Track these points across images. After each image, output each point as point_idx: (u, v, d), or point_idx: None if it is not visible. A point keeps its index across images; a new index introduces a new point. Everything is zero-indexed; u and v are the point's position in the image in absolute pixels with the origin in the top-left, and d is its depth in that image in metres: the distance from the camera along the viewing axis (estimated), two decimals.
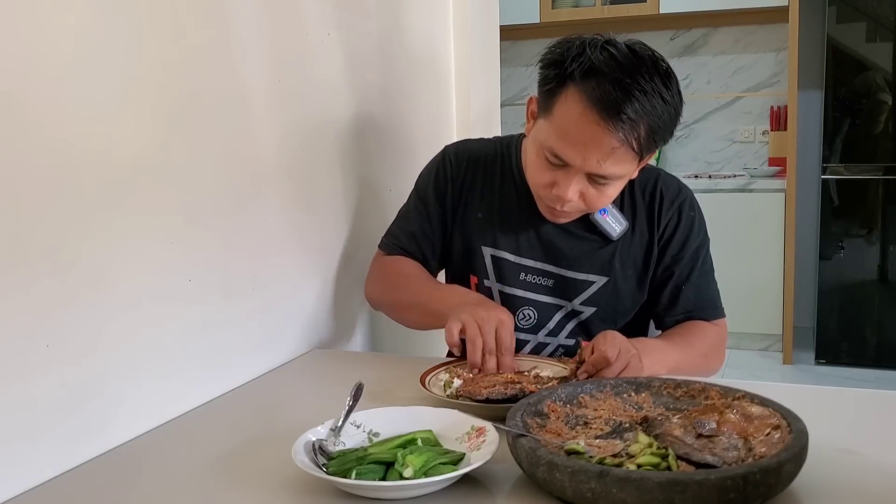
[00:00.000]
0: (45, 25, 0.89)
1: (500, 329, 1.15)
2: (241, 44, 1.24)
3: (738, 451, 0.81)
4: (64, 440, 0.92)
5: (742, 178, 4.15)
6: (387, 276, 1.42)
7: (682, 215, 1.34)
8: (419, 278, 1.38)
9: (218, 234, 1.19)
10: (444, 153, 1.44)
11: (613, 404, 0.97)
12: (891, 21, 3.66)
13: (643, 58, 1.14)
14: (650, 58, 1.15)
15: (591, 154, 1.15)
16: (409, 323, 1.43)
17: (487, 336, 1.13)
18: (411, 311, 1.37)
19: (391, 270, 1.42)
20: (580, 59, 1.13)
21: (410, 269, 1.40)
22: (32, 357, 0.88)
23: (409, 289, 1.36)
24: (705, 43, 4.44)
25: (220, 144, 1.19)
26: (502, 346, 1.14)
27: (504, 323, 1.15)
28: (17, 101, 0.86)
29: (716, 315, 1.36)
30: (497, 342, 1.14)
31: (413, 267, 1.40)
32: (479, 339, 1.13)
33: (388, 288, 1.42)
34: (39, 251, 0.88)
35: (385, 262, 1.44)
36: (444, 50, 2.09)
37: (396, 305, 1.41)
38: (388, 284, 1.42)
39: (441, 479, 0.81)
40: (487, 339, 1.13)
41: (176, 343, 1.10)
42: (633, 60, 1.13)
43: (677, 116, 1.18)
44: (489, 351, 1.14)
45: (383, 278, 1.43)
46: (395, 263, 1.42)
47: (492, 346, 1.14)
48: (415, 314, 1.37)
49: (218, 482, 0.90)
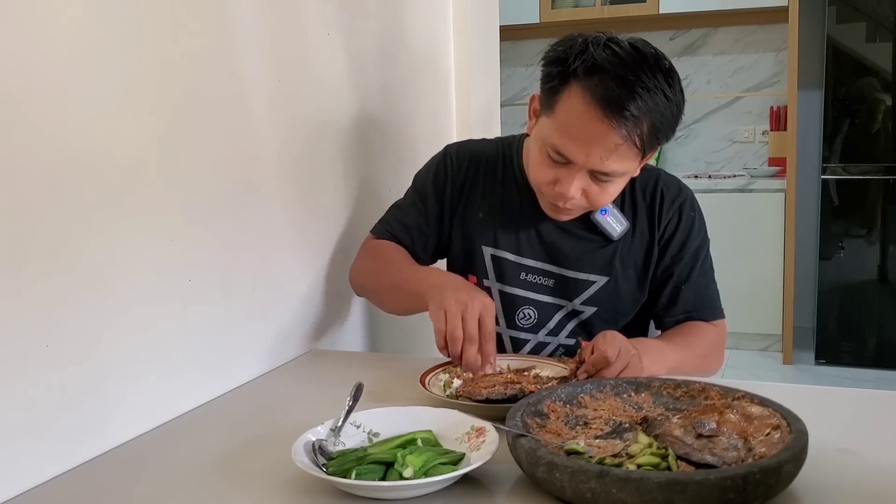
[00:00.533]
0: (44, 25, 0.89)
1: (483, 315, 1.11)
2: (241, 44, 1.24)
3: (738, 451, 0.81)
4: (64, 440, 0.92)
5: (742, 178, 4.15)
6: (370, 258, 1.41)
7: (683, 215, 1.35)
8: (400, 261, 1.35)
9: (218, 234, 1.19)
10: (445, 152, 1.44)
11: (613, 404, 0.97)
12: (891, 21, 3.66)
13: (646, 55, 1.14)
14: (653, 55, 1.15)
15: (594, 151, 1.15)
16: (389, 306, 1.40)
17: (469, 322, 1.10)
18: (391, 292, 1.34)
19: (376, 253, 1.40)
20: (583, 56, 1.13)
21: (394, 253, 1.38)
22: (32, 357, 0.88)
23: (390, 271, 1.33)
24: (705, 43, 4.44)
25: (220, 144, 1.19)
26: (486, 333, 1.11)
27: (487, 308, 1.12)
28: (17, 100, 0.86)
29: (715, 316, 1.36)
30: (480, 329, 1.11)
31: (398, 251, 1.38)
32: (459, 330, 1.09)
33: (370, 270, 1.40)
34: (39, 251, 0.88)
35: (372, 244, 1.43)
36: (444, 50, 2.09)
37: (377, 287, 1.39)
38: (371, 266, 1.39)
39: (441, 479, 0.81)
40: (469, 326, 1.10)
41: (176, 343, 1.10)
42: (635, 58, 1.13)
43: (679, 114, 1.18)
44: (470, 339, 1.10)
45: (367, 260, 1.41)
46: (381, 247, 1.40)
47: (473, 333, 1.10)
48: (394, 296, 1.34)
49: (218, 482, 0.90)
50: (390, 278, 1.33)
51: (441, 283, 1.20)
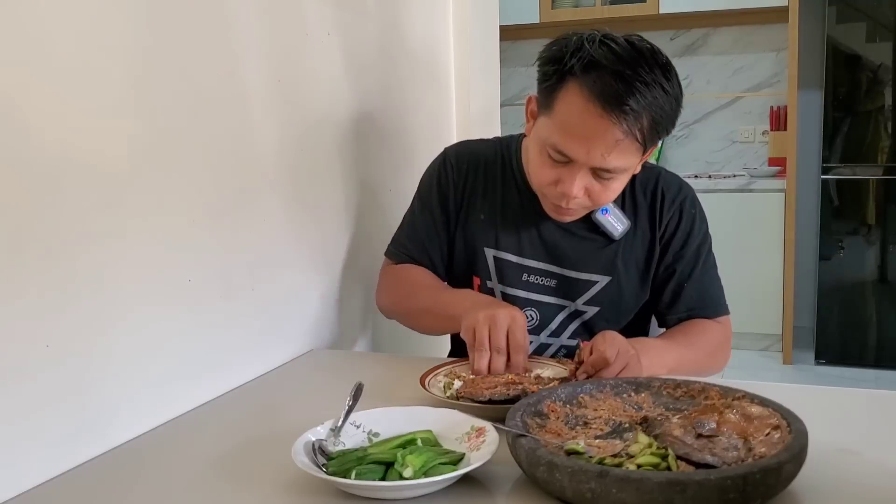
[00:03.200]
0: (44, 25, 0.89)
1: (512, 327, 1.14)
2: (241, 44, 1.24)
3: (737, 451, 0.81)
4: (64, 440, 0.92)
5: (742, 178, 4.15)
6: (397, 285, 1.43)
7: (684, 213, 1.35)
8: (430, 285, 1.39)
9: (218, 234, 1.19)
10: (444, 156, 1.44)
11: (613, 404, 0.97)
12: (891, 21, 3.66)
13: (642, 50, 1.14)
14: (649, 50, 1.15)
15: (595, 148, 1.15)
16: (423, 329, 1.43)
17: (499, 334, 1.13)
18: (424, 317, 1.38)
19: (402, 279, 1.42)
20: (579, 53, 1.14)
21: (421, 277, 1.40)
22: (32, 357, 0.88)
23: (422, 296, 1.37)
24: (705, 43, 4.44)
25: (220, 144, 1.19)
26: (515, 345, 1.14)
27: (516, 320, 1.15)
28: (17, 100, 0.86)
29: (718, 312, 1.36)
30: (509, 341, 1.14)
31: (424, 274, 1.41)
32: (486, 344, 1.13)
33: (400, 297, 1.42)
34: (39, 251, 0.88)
35: (395, 270, 1.44)
36: (444, 50, 2.09)
37: (409, 313, 1.42)
38: (400, 294, 1.42)
39: (441, 480, 0.81)
40: (498, 338, 1.13)
41: (176, 343, 1.10)
42: (632, 53, 1.13)
43: (678, 107, 1.18)
44: (497, 351, 1.13)
45: (394, 287, 1.44)
46: (405, 272, 1.42)
47: (500, 345, 1.13)
48: (428, 320, 1.37)
49: (218, 482, 0.90)
50: (422, 303, 1.36)
51: (474, 303, 1.23)
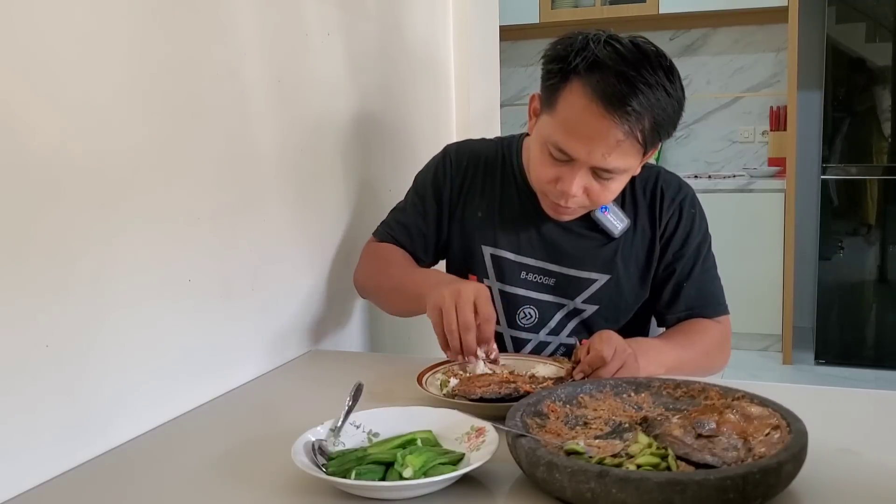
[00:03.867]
0: (44, 25, 0.89)
1: (478, 300, 1.12)
2: (241, 44, 1.24)
3: (737, 451, 0.81)
4: (64, 440, 0.92)
5: (742, 178, 4.15)
6: (372, 260, 1.43)
7: (683, 212, 1.35)
8: (401, 264, 1.38)
9: (218, 234, 1.19)
10: (445, 152, 1.44)
11: (613, 404, 0.97)
12: (891, 21, 3.66)
13: (646, 52, 1.14)
14: (653, 52, 1.15)
15: (596, 147, 1.15)
16: (391, 308, 1.42)
17: (465, 308, 1.11)
18: (392, 295, 1.37)
19: (377, 255, 1.43)
20: (584, 53, 1.14)
21: (395, 256, 1.40)
22: (32, 357, 0.88)
23: (391, 273, 1.36)
24: (705, 43, 4.44)
25: (221, 144, 1.19)
26: (483, 316, 1.12)
27: (482, 293, 1.13)
28: (17, 100, 0.86)
29: (718, 312, 1.36)
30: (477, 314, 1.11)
31: (398, 254, 1.41)
32: (454, 322, 1.11)
33: (372, 272, 1.43)
34: (39, 251, 0.88)
35: (374, 247, 1.45)
36: (444, 50, 2.09)
37: (380, 290, 1.41)
38: (373, 269, 1.42)
39: (441, 480, 0.81)
40: (465, 313, 1.11)
41: (176, 343, 1.10)
42: (636, 54, 1.13)
43: (680, 110, 1.18)
44: (465, 327, 1.10)
45: (369, 262, 1.44)
46: (383, 249, 1.43)
47: (468, 320, 1.11)
48: (396, 298, 1.37)
49: (218, 482, 0.90)
50: (391, 281, 1.35)
51: (437, 282, 1.22)
